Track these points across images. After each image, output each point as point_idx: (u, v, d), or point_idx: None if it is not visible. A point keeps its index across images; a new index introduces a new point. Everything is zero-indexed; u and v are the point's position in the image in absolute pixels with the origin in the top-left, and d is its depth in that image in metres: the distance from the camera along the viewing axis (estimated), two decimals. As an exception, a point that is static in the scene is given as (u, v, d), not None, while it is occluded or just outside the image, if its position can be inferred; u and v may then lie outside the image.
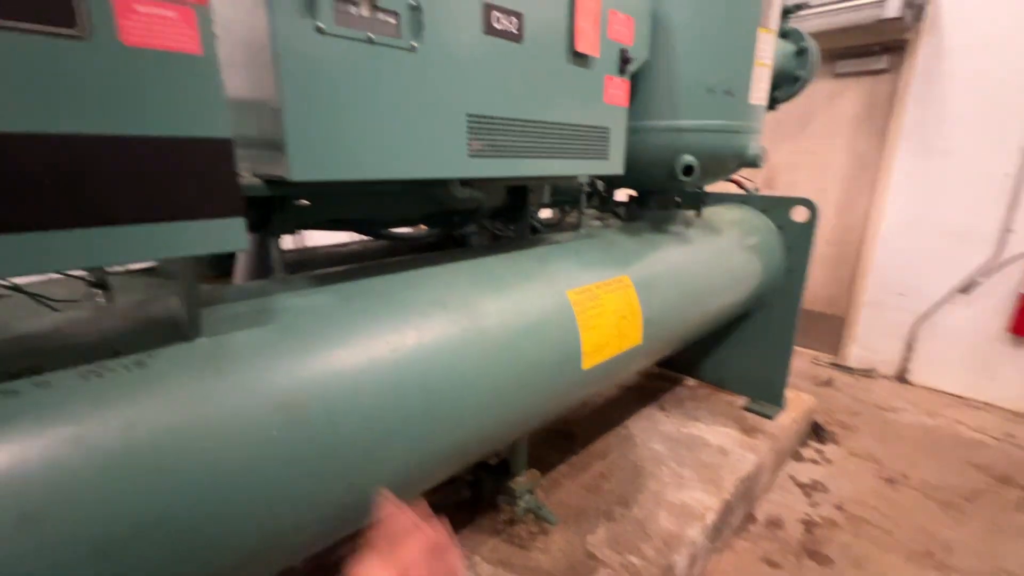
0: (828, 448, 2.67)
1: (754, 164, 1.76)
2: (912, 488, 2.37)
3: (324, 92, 0.86)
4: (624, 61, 1.37)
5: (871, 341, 3.58)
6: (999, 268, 3.00)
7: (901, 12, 2.83)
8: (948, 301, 3.22)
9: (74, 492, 0.63)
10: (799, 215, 2.35)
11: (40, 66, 0.56)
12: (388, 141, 0.95)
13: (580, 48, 1.23)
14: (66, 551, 0.62)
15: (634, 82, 1.56)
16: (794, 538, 2.03)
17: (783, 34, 2.08)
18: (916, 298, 3.33)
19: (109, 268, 1.37)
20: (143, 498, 0.68)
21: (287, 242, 1.36)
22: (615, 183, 2.12)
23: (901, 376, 3.47)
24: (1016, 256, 2.94)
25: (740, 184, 2.69)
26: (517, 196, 1.68)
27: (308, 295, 1.00)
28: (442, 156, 1.04)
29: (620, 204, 2.22)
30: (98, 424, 0.67)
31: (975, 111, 2.97)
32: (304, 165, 0.86)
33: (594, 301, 1.39)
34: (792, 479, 2.40)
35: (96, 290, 1.43)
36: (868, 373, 3.56)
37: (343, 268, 1.18)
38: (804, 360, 3.78)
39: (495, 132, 1.12)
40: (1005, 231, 2.95)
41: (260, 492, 0.78)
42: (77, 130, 0.59)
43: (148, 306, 0.90)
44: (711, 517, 1.79)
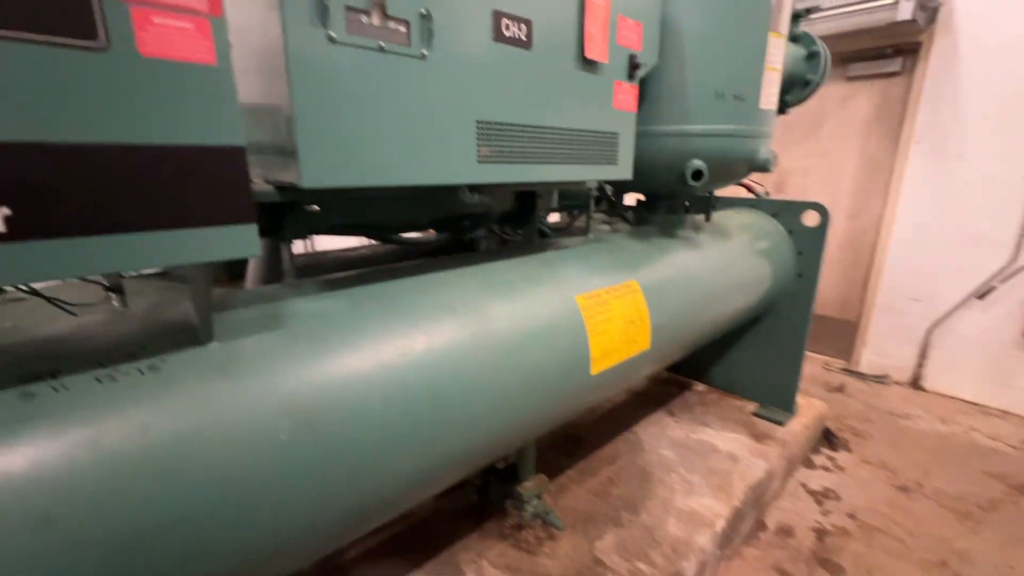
0: (840, 455, 2.63)
1: (765, 169, 1.75)
2: (926, 497, 2.33)
3: (335, 100, 0.87)
4: (633, 67, 1.37)
5: (884, 347, 3.53)
6: (1016, 273, 2.95)
7: (914, 14, 2.80)
8: (963, 306, 3.17)
9: (90, 494, 0.64)
10: (810, 219, 2.34)
11: (61, 77, 0.58)
12: (398, 148, 0.96)
13: (589, 54, 1.24)
14: (82, 552, 0.63)
15: (643, 87, 1.56)
16: (805, 546, 2.01)
17: (793, 38, 2.07)
18: (930, 303, 3.29)
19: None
20: (156, 501, 0.69)
21: (297, 246, 1.37)
22: (624, 187, 2.12)
23: (915, 382, 3.42)
24: (1033, 261, 2.90)
25: (750, 188, 2.68)
26: (526, 201, 1.69)
27: (318, 300, 1.00)
28: (451, 162, 1.05)
29: (629, 208, 2.22)
30: (113, 427, 0.68)
31: (990, 114, 2.93)
32: (315, 172, 0.87)
33: (603, 306, 1.39)
34: (803, 486, 2.37)
35: (111, 293, 1.46)
36: (881, 379, 3.51)
37: (353, 273, 1.19)
38: (815, 365, 3.74)
39: (504, 138, 1.13)
40: (1022, 236, 2.90)
41: (269, 496, 0.79)
42: (96, 139, 0.61)
43: (162, 311, 0.91)
44: (720, 524, 1.78)
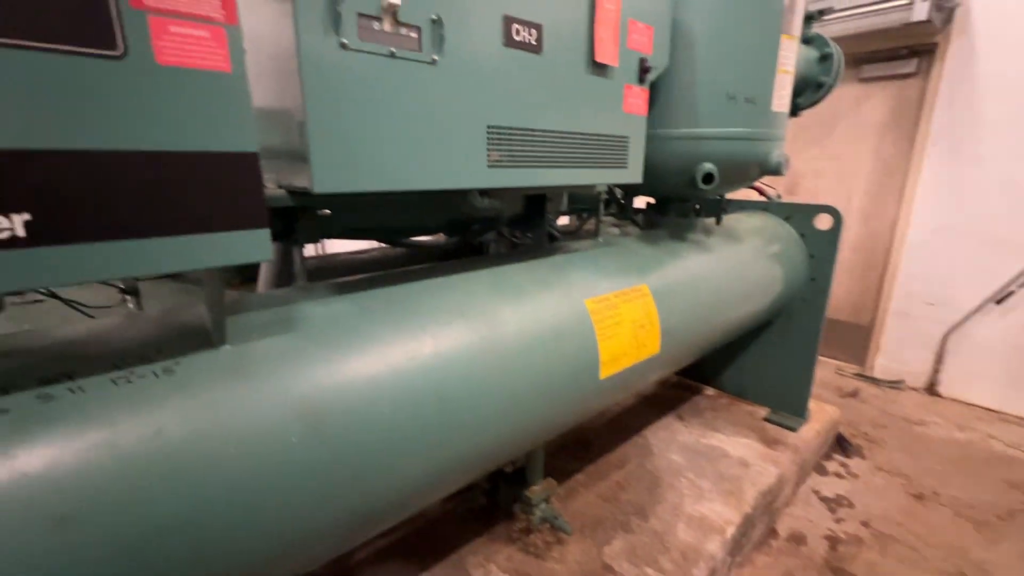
0: (853, 462, 2.59)
1: (777, 172, 1.74)
2: (943, 505, 2.28)
3: (347, 106, 0.87)
4: (644, 70, 1.37)
5: (899, 352, 3.48)
6: (1035, 278, 2.90)
7: (930, 15, 2.76)
8: (981, 311, 3.11)
9: (105, 495, 0.65)
10: (823, 223, 2.31)
11: (79, 86, 0.59)
12: (409, 153, 0.97)
13: (599, 58, 1.24)
14: (97, 552, 0.64)
15: (653, 90, 1.55)
16: (818, 555, 1.98)
17: (806, 40, 2.05)
18: (947, 308, 3.23)
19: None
20: (169, 501, 0.69)
21: (308, 249, 1.38)
22: (634, 190, 2.11)
23: (930, 388, 3.37)
24: (1054, 265, 2.84)
25: (762, 191, 2.65)
26: (535, 204, 1.69)
27: (329, 303, 1.01)
28: (462, 167, 1.06)
29: (638, 211, 2.21)
30: (129, 429, 0.69)
31: (1007, 115, 2.87)
32: (328, 177, 0.88)
33: (612, 310, 1.38)
34: (816, 493, 2.34)
35: (127, 295, 1.48)
36: (895, 385, 3.45)
37: (363, 276, 1.20)
38: (828, 370, 3.69)
39: (514, 142, 1.13)
40: (1042, 239, 2.85)
41: (280, 497, 0.80)
42: (113, 147, 0.62)
43: (176, 313, 0.92)
44: (731, 531, 1.76)
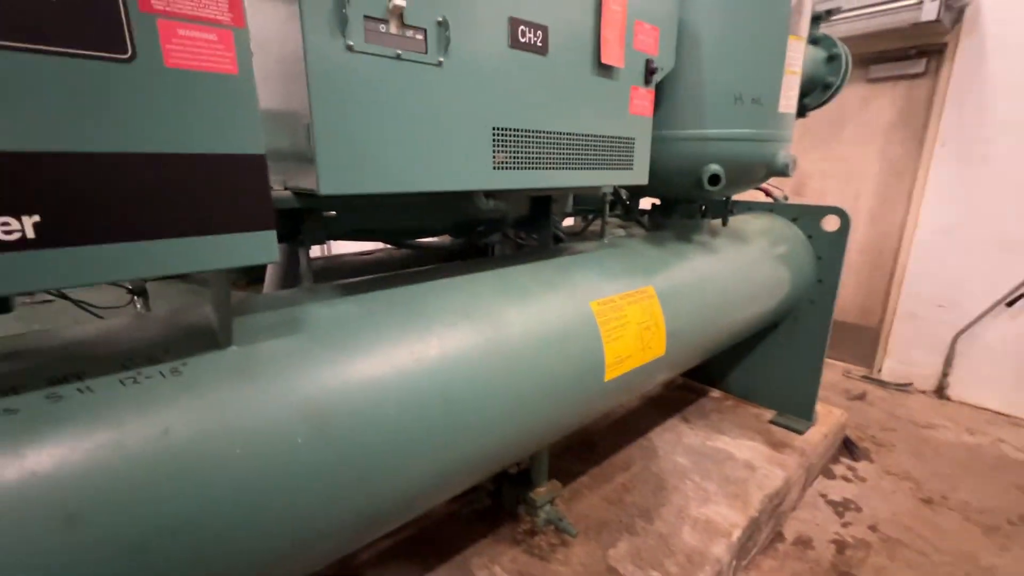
0: (861, 465, 2.57)
1: (783, 173, 1.73)
2: (952, 510, 2.26)
3: (353, 107, 0.88)
4: (650, 71, 1.37)
5: (907, 354, 3.44)
6: (1047, 280, 2.86)
7: (939, 14, 2.74)
8: (991, 314, 3.07)
9: (113, 493, 0.66)
10: (830, 224, 2.29)
11: (90, 88, 0.60)
12: (415, 154, 0.97)
13: (605, 59, 1.23)
14: (105, 550, 0.64)
15: (659, 91, 1.55)
16: (825, 559, 1.96)
17: (813, 40, 2.04)
18: (956, 310, 3.20)
19: (147, 275, 1.42)
20: (176, 501, 0.70)
21: (314, 250, 1.39)
22: (639, 192, 2.11)
23: (939, 391, 3.33)
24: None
25: (768, 192, 2.64)
26: (540, 205, 1.69)
27: (334, 305, 1.02)
28: (467, 168, 1.06)
29: (644, 213, 2.20)
30: (136, 429, 0.69)
31: (1018, 115, 2.84)
32: (334, 178, 0.88)
33: (617, 312, 1.38)
34: (823, 497, 2.32)
35: (135, 296, 1.50)
36: (904, 388, 3.42)
37: (369, 278, 1.20)
38: (835, 373, 3.66)
39: (519, 144, 1.13)
40: (1053, 241, 2.81)
41: (285, 498, 0.80)
42: (121, 149, 0.62)
43: (184, 314, 0.93)
44: (737, 534, 1.75)
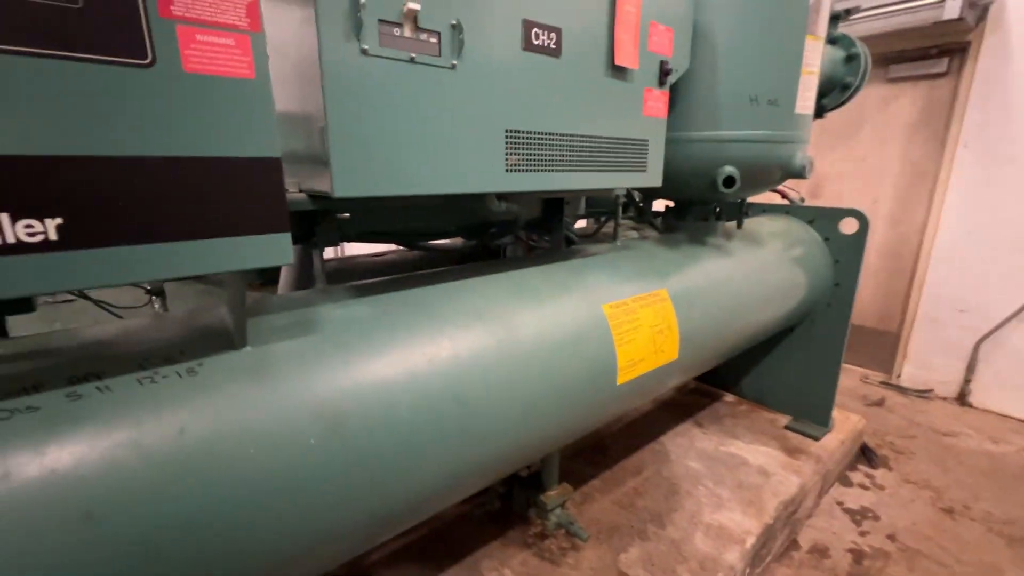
0: (879, 473, 2.52)
1: (800, 175, 1.70)
2: (974, 520, 2.20)
3: (368, 111, 0.88)
4: (664, 73, 1.36)
5: (927, 360, 3.37)
6: (1074, 284, 2.78)
7: (962, 12, 2.68)
8: (1016, 319, 2.99)
9: (131, 492, 0.66)
10: (848, 226, 2.25)
11: (111, 94, 0.61)
12: (428, 157, 0.97)
13: (619, 61, 1.23)
14: (122, 547, 0.65)
15: (674, 92, 1.53)
16: (841, 568, 1.92)
17: (832, 40, 2.00)
18: (979, 315, 3.12)
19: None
20: (191, 500, 0.71)
21: (327, 251, 1.40)
22: (652, 193, 2.09)
23: (961, 398, 3.25)
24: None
25: (784, 194, 2.60)
26: (553, 207, 1.68)
27: (348, 306, 1.02)
28: (480, 171, 1.06)
29: (657, 215, 2.18)
30: (153, 428, 0.70)
31: (1046, 116, 2.77)
32: (348, 181, 0.89)
33: (630, 315, 1.37)
34: (839, 505, 2.27)
35: (153, 296, 1.52)
36: (924, 394, 3.34)
37: (382, 279, 1.21)
38: (853, 378, 3.59)
39: (532, 146, 1.13)
40: (1081, 244, 2.73)
41: (298, 497, 0.81)
42: (141, 152, 0.63)
43: (200, 315, 0.94)
44: (751, 541, 1.72)
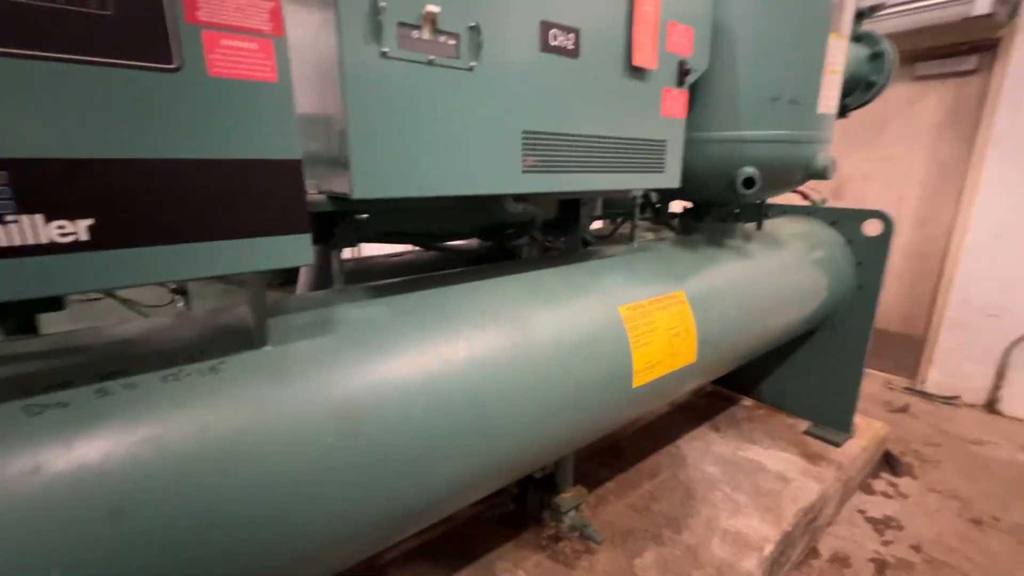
0: (903, 481, 2.45)
1: (822, 176, 1.67)
2: (1003, 532, 2.13)
3: (387, 113, 0.89)
4: (683, 73, 1.34)
5: (954, 365, 3.27)
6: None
7: (994, 8, 2.60)
8: (1048, 324, 2.89)
9: (154, 488, 0.68)
10: (872, 228, 2.20)
11: (139, 98, 0.62)
12: (446, 159, 0.98)
13: (637, 62, 1.21)
14: (145, 543, 0.67)
15: (693, 92, 1.51)
16: (863, 578, 1.88)
17: (856, 38, 1.96)
18: (1009, 319, 3.02)
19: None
20: (212, 496, 0.72)
21: (345, 252, 1.41)
22: (670, 194, 2.07)
23: (990, 405, 3.15)
24: None
25: (806, 195, 2.55)
26: (569, 209, 1.67)
27: (365, 306, 1.03)
28: (497, 172, 1.06)
29: (675, 216, 2.16)
30: (176, 425, 0.72)
31: (1083, 114, 2.67)
32: (367, 183, 0.89)
33: (646, 317, 1.35)
34: (861, 513, 2.22)
35: (177, 295, 1.56)
36: (950, 401, 3.25)
37: (399, 280, 1.22)
38: (876, 383, 3.51)
39: (550, 148, 1.12)
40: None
41: (314, 497, 0.81)
42: (169, 155, 0.65)
43: (222, 315, 0.96)
44: (769, 548, 1.69)
